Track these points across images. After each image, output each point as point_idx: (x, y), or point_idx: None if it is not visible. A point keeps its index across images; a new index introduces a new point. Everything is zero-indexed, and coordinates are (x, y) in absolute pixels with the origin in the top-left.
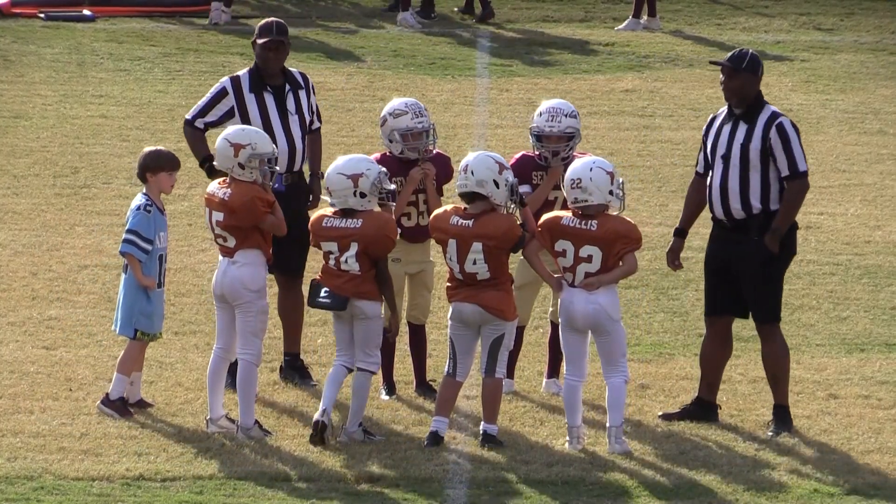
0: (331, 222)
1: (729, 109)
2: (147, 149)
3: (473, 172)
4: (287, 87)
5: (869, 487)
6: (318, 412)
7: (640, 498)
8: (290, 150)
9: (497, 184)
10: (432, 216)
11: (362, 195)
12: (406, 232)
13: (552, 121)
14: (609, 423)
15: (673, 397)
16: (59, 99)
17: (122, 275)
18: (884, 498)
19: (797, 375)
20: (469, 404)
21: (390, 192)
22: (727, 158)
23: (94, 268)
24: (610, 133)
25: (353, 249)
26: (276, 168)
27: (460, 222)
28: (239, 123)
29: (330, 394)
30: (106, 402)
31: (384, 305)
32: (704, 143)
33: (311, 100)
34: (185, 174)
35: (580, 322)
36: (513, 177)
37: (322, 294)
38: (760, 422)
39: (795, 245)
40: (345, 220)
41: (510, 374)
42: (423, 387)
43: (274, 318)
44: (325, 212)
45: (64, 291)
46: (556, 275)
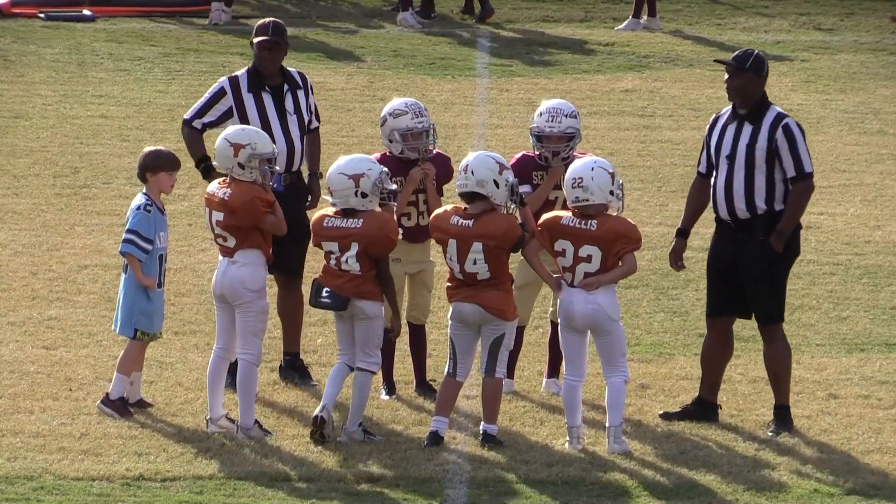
0: (332, 222)
1: (733, 109)
2: (147, 149)
3: (473, 172)
4: (285, 86)
5: (869, 487)
6: (318, 408)
7: (640, 498)
8: (289, 149)
9: (497, 184)
10: (432, 216)
11: (363, 195)
12: (406, 232)
13: (552, 121)
14: (609, 423)
15: (673, 397)
16: (59, 99)
17: (123, 275)
18: (884, 498)
19: (797, 375)
20: (469, 404)
21: (392, 192)
22: (732, 159)
23: (94, 268)
24: (610, 133)
25: (353, 249)
26: (275, 168)
27: (460, 222)
28: (238, 123)
29: (331, 390)
30: (106, 401)
31: (385, 305)
32: (708, 143)
33: (310, 99)
34: (185, 174)
35: (579, 322)
36: (513, 177)
37: (323, 294)
38: (760, 422)
39: (799, 245)
40: (346, 220)
41: (510, 374)
42: (423, 387)
43: (274, 318)
44: (327, 211)
45: (64, 291)
46: (555, 275)
